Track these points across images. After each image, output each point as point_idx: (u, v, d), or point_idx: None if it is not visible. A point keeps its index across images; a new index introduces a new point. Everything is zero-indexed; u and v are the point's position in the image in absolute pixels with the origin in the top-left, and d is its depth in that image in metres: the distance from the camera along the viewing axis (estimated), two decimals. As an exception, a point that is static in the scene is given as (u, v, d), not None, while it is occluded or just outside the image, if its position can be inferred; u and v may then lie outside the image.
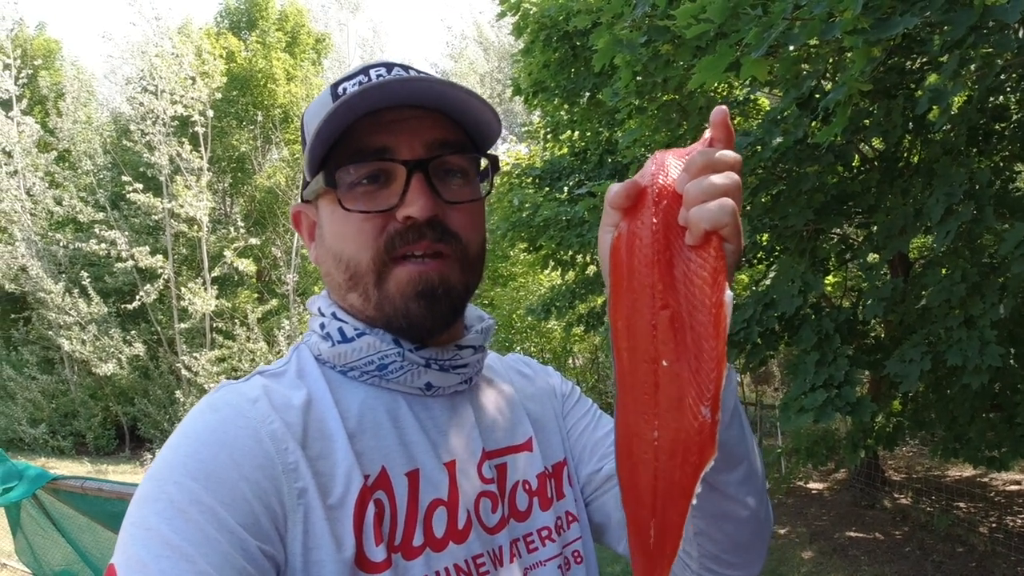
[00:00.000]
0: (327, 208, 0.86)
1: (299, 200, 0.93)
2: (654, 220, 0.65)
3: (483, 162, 0.91)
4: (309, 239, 0.93)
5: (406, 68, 0.86)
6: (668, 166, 0.68)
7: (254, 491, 0.70)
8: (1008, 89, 4.54)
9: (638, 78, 4.49)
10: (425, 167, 0.81)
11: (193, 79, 14.84)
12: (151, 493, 0.68)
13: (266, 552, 0.69)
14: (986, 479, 8.40)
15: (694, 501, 0.61)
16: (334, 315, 0.87)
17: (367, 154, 0.81)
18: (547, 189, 8.30)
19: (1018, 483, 8.14)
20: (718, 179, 0.62)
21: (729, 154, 0.64)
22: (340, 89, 0.85)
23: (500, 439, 0.93)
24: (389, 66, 0.86)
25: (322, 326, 0.88)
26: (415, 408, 0.86)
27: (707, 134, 0.67)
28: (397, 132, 0.81)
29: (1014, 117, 4.95)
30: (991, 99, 4.58)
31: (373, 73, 0.85)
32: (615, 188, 0.67)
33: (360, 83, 0.84)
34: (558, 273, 8.65)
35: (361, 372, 0.85)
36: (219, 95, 15.57)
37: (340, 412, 0.81)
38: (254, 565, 0.67)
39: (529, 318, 9.07)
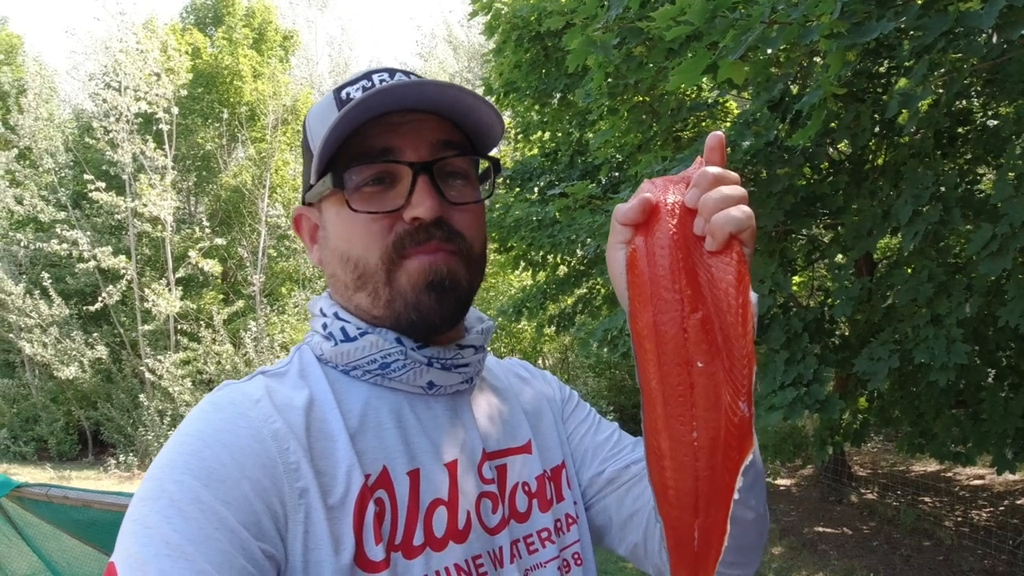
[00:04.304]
0: (332, 209, 0.86)
1: (300, 203, 0.94)
2: (673, 230, 0.67)
3: (483, 164, 0.92)
4: (311, 242, 0.93)
5: (407, 73, 0.88)
6: (668, 187, 0.71)
7: (255, 491, 0.70)
8: (973, 94, 4.63)
9: (610, 79, 4.50)
10: (430, 169, 0.82)
11: (158, 75, 14.55)
12: (152, 491, 0.68)
13: (266, 552, 0.69)
14: (950, 474, 8.58)
15: (736, 496, 0.64)
16: (336, 315, 0.88)
17: (373, 156, 0.82)
18: (518, 190, 8.30)
19: (981, 478, 8.32)
20: (730, 190, 0.66)
21: (732, 173, 0.68)
22: (344, 94, 0.86)
23: (500, 440, 0.94)
24: (392, 71, 0.87)
25: (324, 326, 0.88)
26: (417, 408, 0.87)
27: (700, 159, 0.71)
28: (402, 134, 0.82)
29: (978, 121, 5.05)
30: (956, 103, 4.67)
31: (376, 78, 0.86)
32: (625, 206, 0.69)
33: (364, 88, 0.86)
34: (529, 274, 8.65)
35: (364, 371, 0.86)
36: (184, 92, 15.32)
37: (342, 412, 0.81)
38: (254, 564, 0.67)
39: (500, 319, 9.06)
